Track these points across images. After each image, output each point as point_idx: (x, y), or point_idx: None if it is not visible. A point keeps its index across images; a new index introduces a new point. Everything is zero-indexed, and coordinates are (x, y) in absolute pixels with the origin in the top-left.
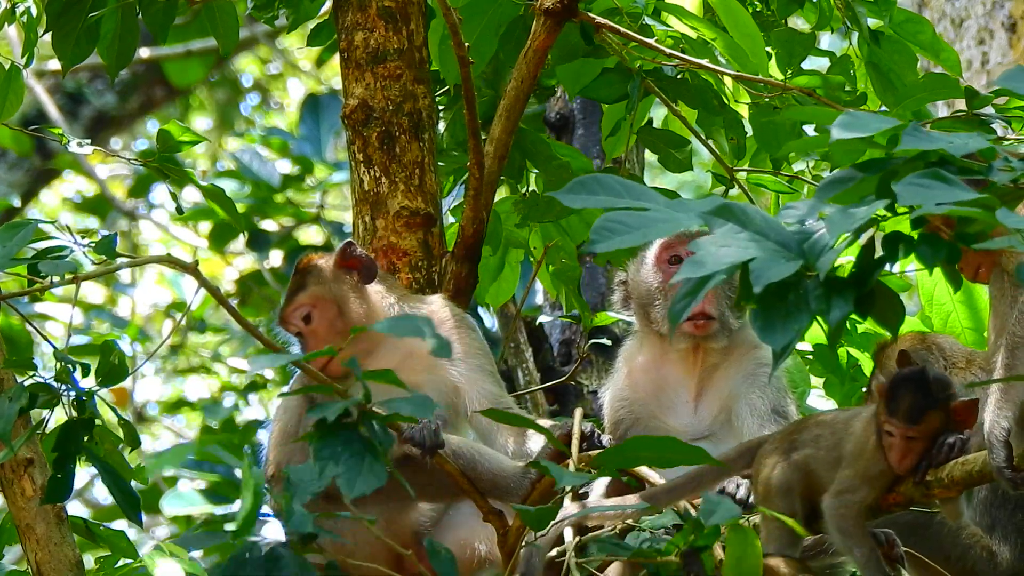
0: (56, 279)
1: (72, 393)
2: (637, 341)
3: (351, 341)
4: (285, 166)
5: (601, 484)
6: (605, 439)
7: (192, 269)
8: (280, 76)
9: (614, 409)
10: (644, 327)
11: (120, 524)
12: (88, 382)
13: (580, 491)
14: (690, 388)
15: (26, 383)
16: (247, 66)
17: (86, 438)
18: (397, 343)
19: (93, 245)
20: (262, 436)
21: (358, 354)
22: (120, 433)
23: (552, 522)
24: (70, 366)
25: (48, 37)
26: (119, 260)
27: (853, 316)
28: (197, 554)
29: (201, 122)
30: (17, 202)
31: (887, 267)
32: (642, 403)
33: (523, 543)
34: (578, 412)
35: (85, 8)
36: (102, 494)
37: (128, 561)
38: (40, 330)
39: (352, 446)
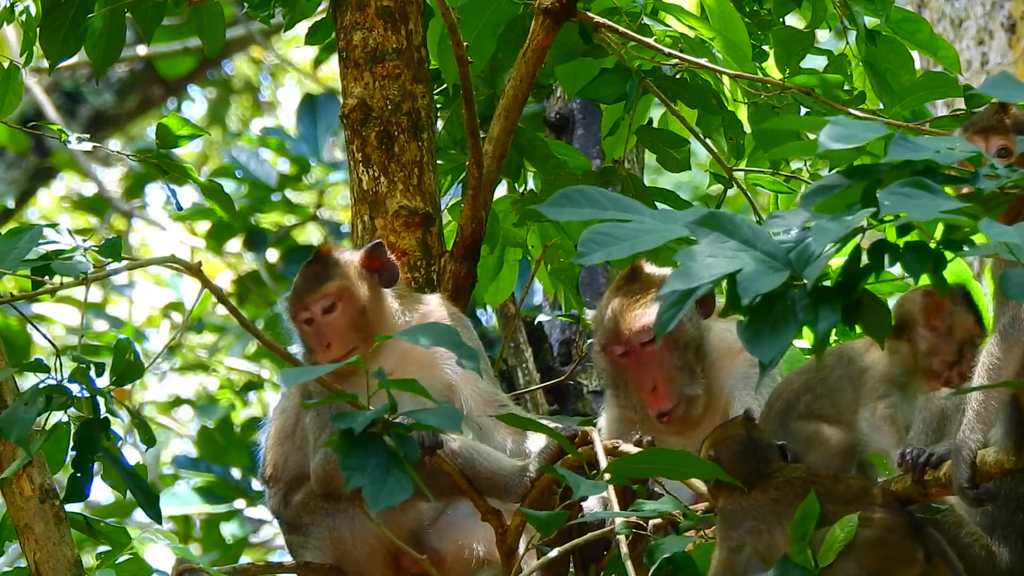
0: (67, 280)
1: (84, 393)
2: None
3: (375, 347)
4: (283, 165)
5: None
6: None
7: (196, 270)
8: (277, 75)
9: (613, 435)
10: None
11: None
12: (101, 381)
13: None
14: None
15: (39, 385)
16: (245, 67)
17: (104, 438)
18: (394, 343)
19: (97, 248)
20: (260, 436)
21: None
22: (123, 432)
23: None
24: (84, 365)
25: None
26: (123, 261)
27: None
28: (196, 550)
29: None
30: (11, 203)
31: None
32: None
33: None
34: (595, 432)
35: (73, 5)
36: (95, 495)
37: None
38: (40, 331)
39: (378, 457)
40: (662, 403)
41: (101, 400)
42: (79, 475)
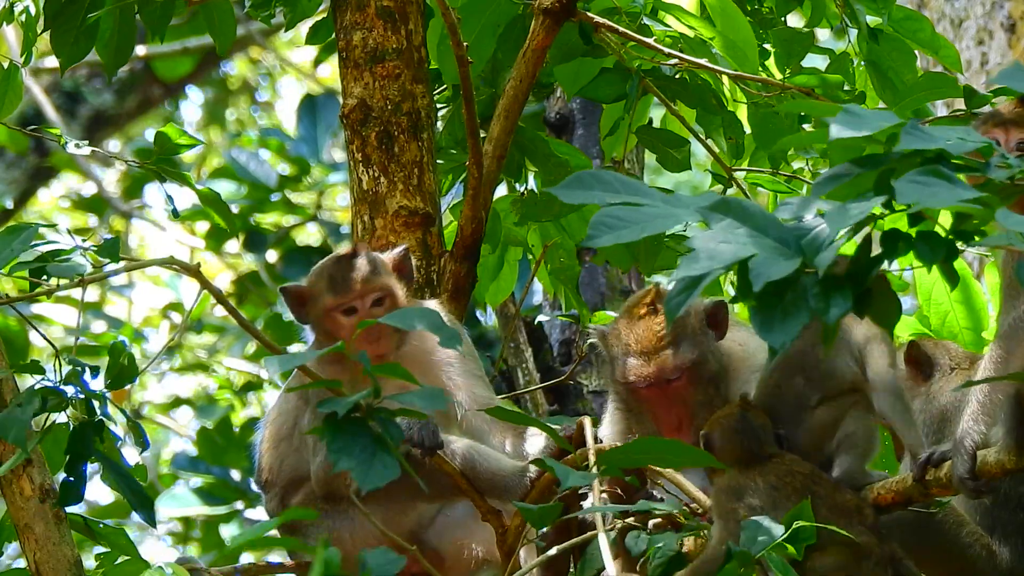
0: (64, 281)
1: (80, 395)
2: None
3: (358, 336)
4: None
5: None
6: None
7: (194, 271)
8: (275, 76)
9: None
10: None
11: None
12: (95, 384)
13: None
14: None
15: (35, 387)
16: (242, 66)
17: (98, 440)
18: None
19: (95, 248)
20: (255, 440)
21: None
22: (123, 433)
23: None
24: (79, 368)
25: (46, 36)
26: (122, 262)
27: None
28: (195, 551)
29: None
30: (10, 204)
31: (885, 265)
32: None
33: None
34: (586, 420)
35: (83, 7)
36: (95, 494)
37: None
38: (39, 332)
39: (362, 440)
40: (685, 440)
41: (96, 402)
42: (73, 478)
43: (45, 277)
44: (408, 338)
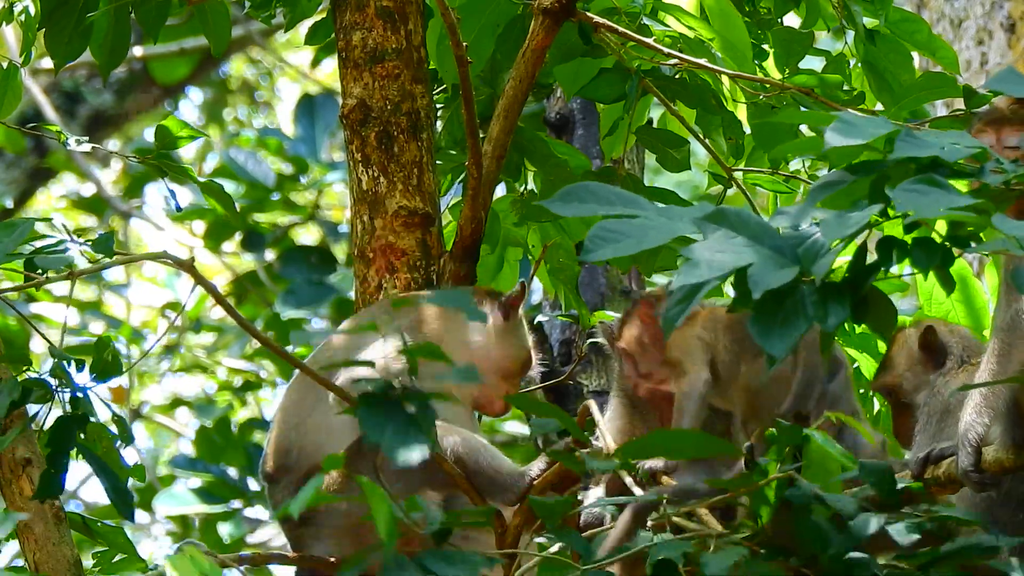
0: (52, 274)
1: (67, 389)
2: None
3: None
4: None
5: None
6: None
7: (188, 266)
8: (273, 75)
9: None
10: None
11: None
12: (83, 379)
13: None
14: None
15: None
16: (243, 67)
17: (80, 434)
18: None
19: (90, 244)
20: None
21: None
22: (115, 429)
23: None
24: (64, 362)
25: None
26: (115, 257)
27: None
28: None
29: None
30: (10, 203)
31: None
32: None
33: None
34: (593, 404)
35: (77, 6)
36: (92, 495)
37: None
38: (36, 328)
39: (397, 418)
40: None
41: (87, 397)
42: (53, 470)
43: (40, 272)
44: None
